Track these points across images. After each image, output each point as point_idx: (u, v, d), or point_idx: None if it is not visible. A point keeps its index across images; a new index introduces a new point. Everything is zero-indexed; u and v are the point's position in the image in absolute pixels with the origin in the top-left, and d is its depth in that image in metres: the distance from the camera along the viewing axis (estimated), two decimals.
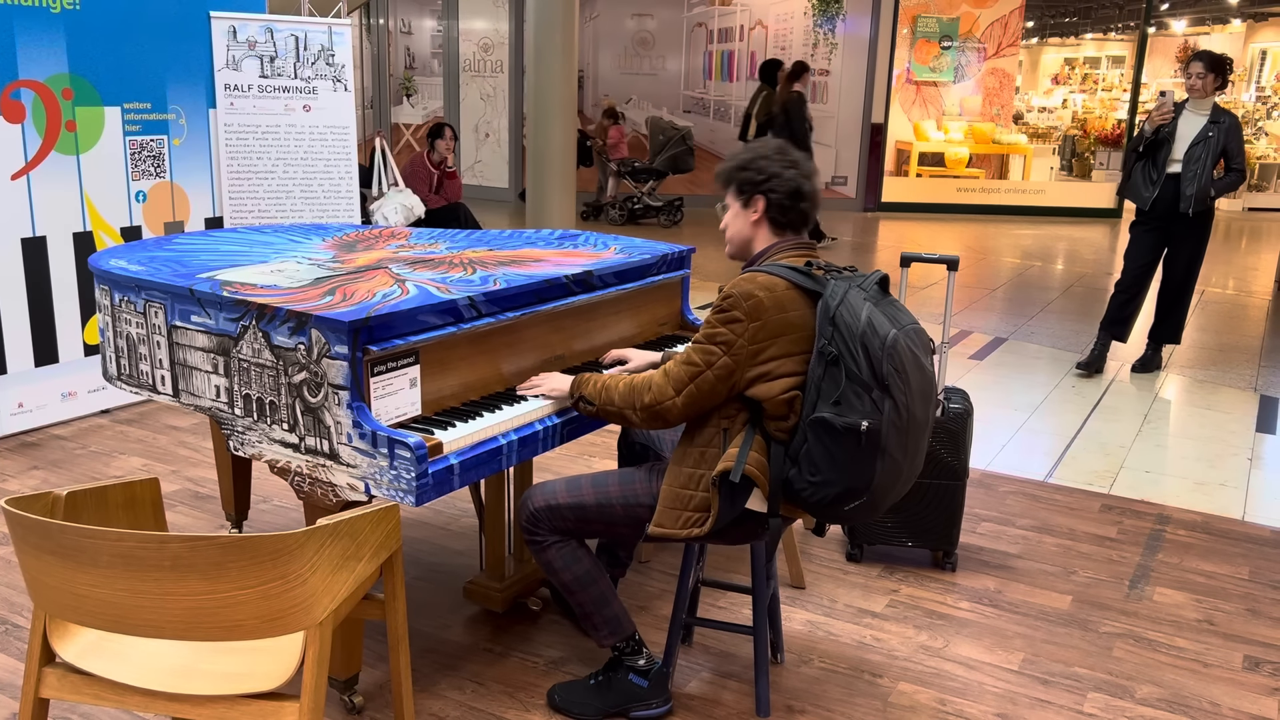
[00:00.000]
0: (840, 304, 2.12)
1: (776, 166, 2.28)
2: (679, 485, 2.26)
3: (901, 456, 2.14)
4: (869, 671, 2.71)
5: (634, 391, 2.26)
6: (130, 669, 1.85)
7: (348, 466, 2.19)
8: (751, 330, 2.15)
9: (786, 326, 2.16)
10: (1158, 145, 5.22)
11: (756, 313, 2.14)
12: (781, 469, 2.20)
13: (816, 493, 2.17)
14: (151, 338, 2.56)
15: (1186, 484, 4.09)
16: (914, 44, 11.94)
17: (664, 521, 2.27)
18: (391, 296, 2.36)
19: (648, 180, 10.71)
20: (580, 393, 2.36)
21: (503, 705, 2.52)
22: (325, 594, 1.78)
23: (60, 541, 1.69)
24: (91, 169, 4.36)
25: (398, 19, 13.16)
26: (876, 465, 2.11)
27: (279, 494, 3.74)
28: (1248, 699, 2.65)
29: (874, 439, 2.09)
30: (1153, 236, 5.38)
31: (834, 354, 2.10)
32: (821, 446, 2.13)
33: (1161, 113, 5.16)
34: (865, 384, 2.08)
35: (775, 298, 2.16)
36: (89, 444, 4.20)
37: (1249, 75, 15.04)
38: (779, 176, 2.27)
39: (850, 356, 2.08)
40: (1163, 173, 5.21)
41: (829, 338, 2.11)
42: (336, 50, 4.99)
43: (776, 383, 2.16)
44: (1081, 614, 3.05)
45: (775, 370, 2.16)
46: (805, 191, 2.29)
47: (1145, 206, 5.30)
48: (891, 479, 2.15)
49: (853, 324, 2.09)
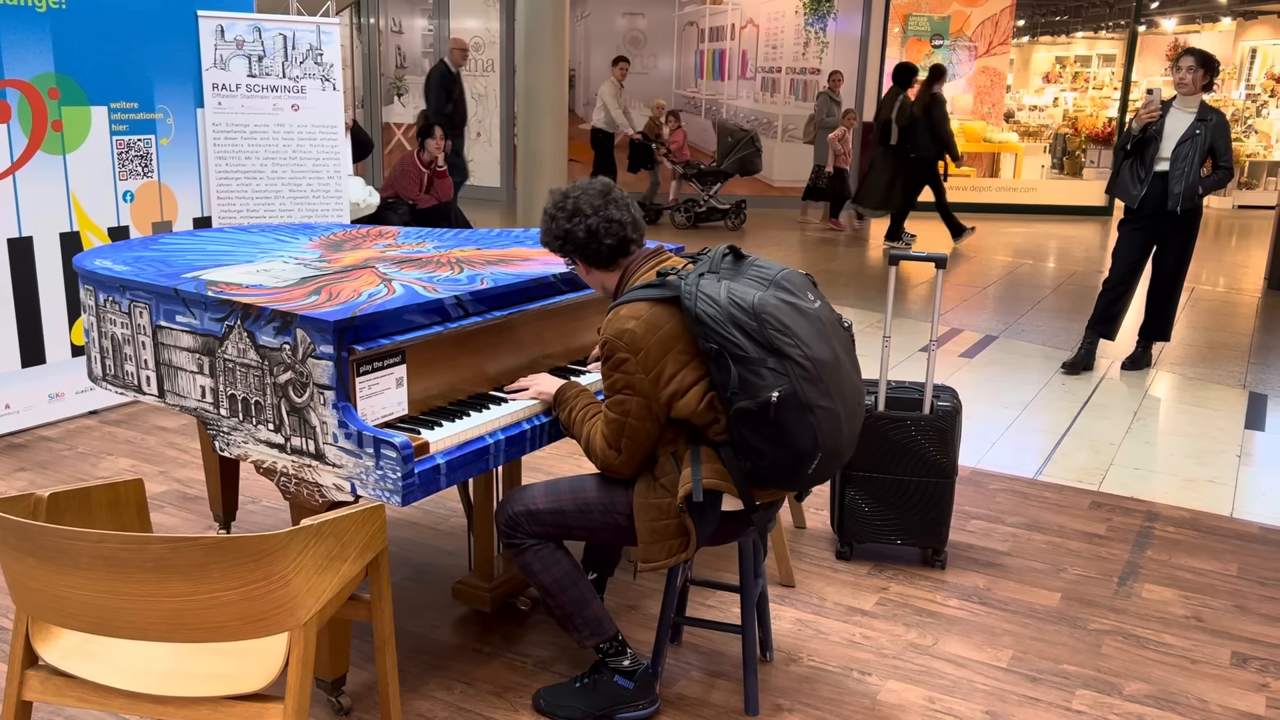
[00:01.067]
0: (697, 300, 2.14)
1: (563, 224, 2.33)
2: (651, 519, 2.27)
3: (829, 402, 2.14)
4: (858, 669, 2.71)
5: (589, 449, 2.31)
6: (114, 671, 1.84)
7: (334, 467, 2.18)
8: (640, 361, 2.17)
9: (669, 341, 2.18)
10: (1145, 143, 5.22)
11: (635, 344, 2.17)
12: (739, 466, 2.22)
13: (774, 471, 2.19)
14: (136, 338, 2.55)
15: (1175, 481, 4.10)
16: (905, 42, 11.95)
17: (650, 556, 2.29)
18: (378, 296, 2.35)
19: (714, 183, 10.47)
20: (557, 413, 2.42)
21: (491, 705, 2.51)
22: (309, 595, 1.77)
23: (41, 543, 1.68)
24: (78, 169, 4.34)
25: (388, 18, 13.14)
26: (810, 422, 2.12)
27: (267, 494, 3.72)
28: (1235, 695, 2.66)
29: (792, 401, 2.10)
30: (1141, 235, 5.39)
31: (714, 349, 2.12)
32: (753, 432, 2.14)
33: (1149, 110, 5.16)
34: (757, 360, 2.10)
35: (644, 322, 2.17)
36: (76, 445, 4.18)
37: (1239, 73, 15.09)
38: (569, 234, 2.33)
39: (730, 342, 2.11)
40: (1150, 171, 5.22)
41: (704, 336, 2.13)
42: (325, 49, 4.97)
43: (690, 394, 2.18)
44: (1070, 611, 3.05)
45: (682, 384, 2.18)
46: (596, 229, 2.31)
47: (1133, 205, 5.31)
48: (834, 426, 2.16)
49: (715, 312, 2.12)
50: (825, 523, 3.61)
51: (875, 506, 3.25)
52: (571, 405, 2.38)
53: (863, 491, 3.25)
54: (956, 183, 12.35)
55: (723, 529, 2.29)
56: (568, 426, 2.38)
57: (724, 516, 2.27)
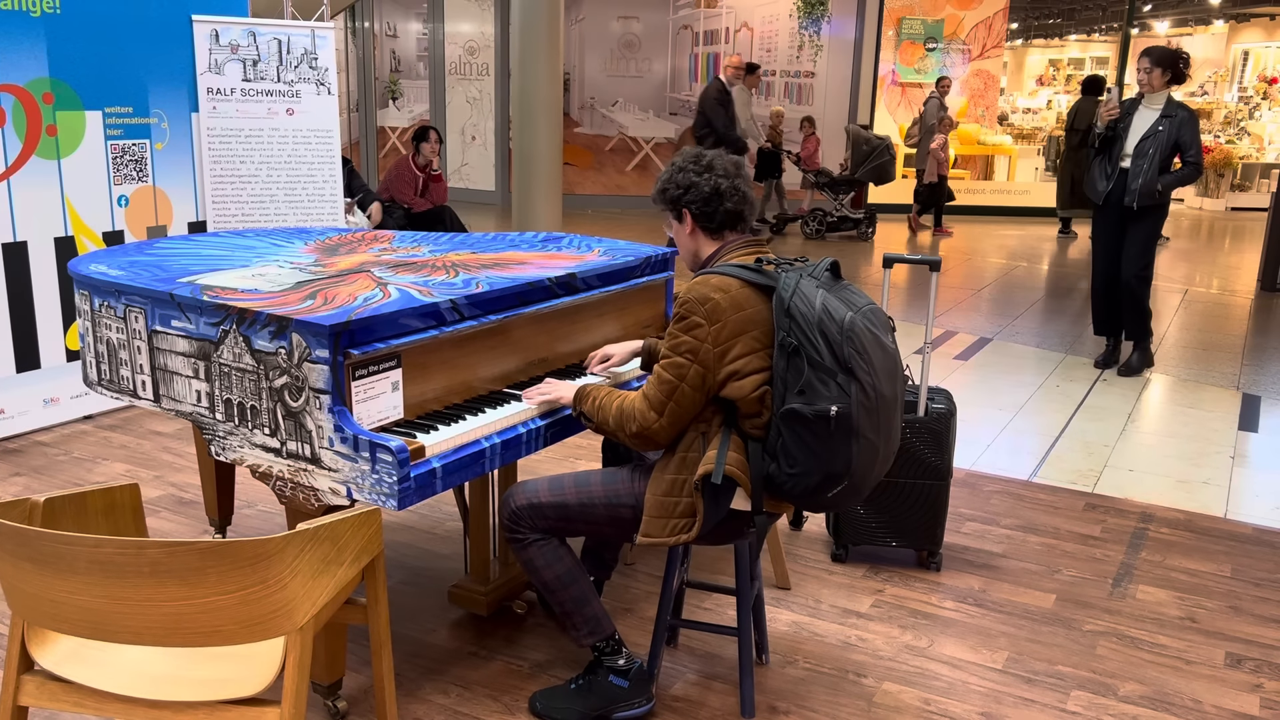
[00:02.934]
0: (794, 295, 2.15)
1: (691, 176, 2.34)
2: (663, 493, 2.27)
3: (875, 436, 2.16)
4: (854, 671, 2.72)
5: (623, 417, 2.28)
6: (110, 676, 1.84)
7: (329, 471, 2.18)
8: (714, 332, 2.17)
9: (747, 324, 2.19)
10: (1112, 141, 5.31)
11: (715, 315, 2.17)
12: (761, 466, 2.21)
13: (797, 484, 2.18)
14: (132, 343, 2.55)
15: (1169, 482, 4.11)
16: (899, 46, 11.98)
17: (651, 530, 2.28)
18: (373, 300, 2.36)
19: (846, 192, 10.26)
20: (580, 408, 2.40)
21: (487, 709, 2.51)
22: (306, 599, 1.78)
23: (37, 548, 1.68)
24: (73, 174, 4.33)
25: (383, 22, 13.14)
26: (852, 448, 2.13)
27: (263, 499, 3.72)
28: (1229, 695, 2.67)
29: (845, 423, 2.11)
30: (1111, 229, 5.49)
31: (794, 344, 2.13)
32: (795, 437, 2.15)
33: (1109, 110, 5.26)
34: (829, 370, 2.10)
35: (731, 298, 2.18)
36: (72, 450, 4.17)
37: (1231, 75, 15.14)
38: (694, 186, 2.33)
39: (810, 345, 2.11)
40: (1116, 167, 5.30)
41: (787, 329, 2.14)
42: (320, 53, 4.98)
43: (747, 380, 2.19)
44: (1065, 613, 3.06)
45: (744, 368, 2.19)
46: (724, 190, 2.33)
47: (1099, 200, 5.41)
48: (869, 460, 2.17)
49: (808, 312, 2.12)
50: (821, 525, 3.62)
51: (870, 509, 3.25)
52: (594, 394, 2.36)
53: None
54: (951, 185, 12.39)
55: (723, 526, 2.30)
56: (592, 414, 2.35)
57: (730, 512, 2.27)
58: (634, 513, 2.34)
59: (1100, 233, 5.55)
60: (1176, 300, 7.69)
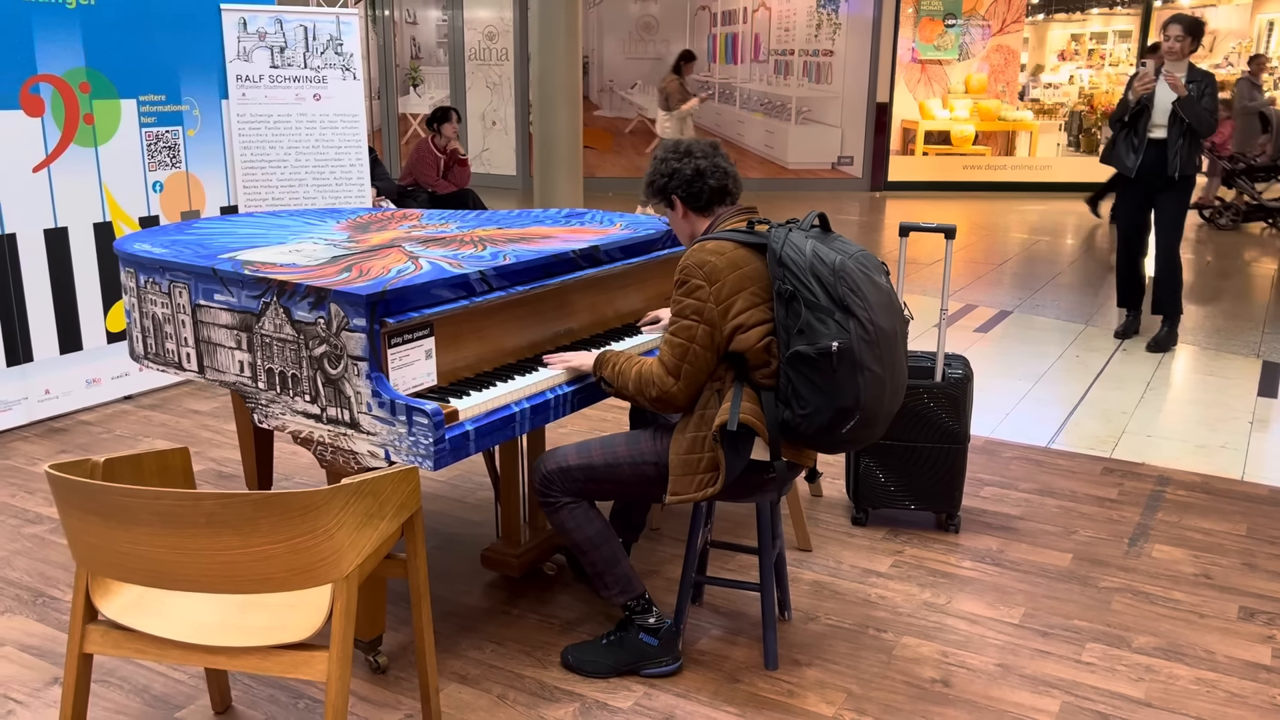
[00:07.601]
0: (784, 245, 2.29)
1: (673, 164, 2.49)
2: (685, 451, 2.37)
3: (879, 368, 2.25)
4: (874, 626, 2.81)
5: (641, 382, 2.40)
6: (168, 624, 1.96)
7: (368, 434, 2.29)
8: (714, 292, 2.30)
9: (745, 280, 2.31)
10: (1138, 113, 5.32)
11: (714, 275, 2.30)
12: (775, 413, 2.32)
13: (810, 423, 2.29)
14: (176, 317, 2.67)
15: (1187, 447, 4.16)
16: (918, 22, 11.95)
17: (679, 488, 2.39)
18: (406, 272, 2.46)
19: (1267, 179, 9.38)
20: (600, 374, 2.51)
21: (521, 664, 2.62)
22: (351, 548, 1.88)
23: (102, 501, 1.80)
24: (110, 160, 4.46)
25: (403, 9, 13.23)
26: (858, 381, 2.23)
27: (300, 472, 3.85)
28: (1241, 646, 2.73)
29: (848, 357, 2.22)
30: (1138, 201, 5.51)
31: (790, 290, 2.25)
32: (803, 378, 2.25)
33: (1144, 83, 5.26)
34: (825, 309, 2.22)
35: (727, 258, 2.31)
36: (114, 429, 4.31)
37: (1255, 46, 14.97)
38: (677, 172, 2.48)
39: (805, 288, 2.23)
40: (1144, 139, 5.31)
41: (781, 278, 2.26)
42: (345, 39, 5.08)
43: (752, 332, 2.30)
44: (1081, 570, 3.13)
45: (748, 320, 2.30)
46: (705, 170, 2.47)
47: (1130, 174, 5.41)
48: (878, 392, 2.27)
49: (799, 259, 2.25)
50: (841, 490, 3.70)
51: (889, 473, 3.33)
52: (614, 360, 2.48)
53: (877, 458, 3.34)
54: (972, 161, 12.37)
55: (745, 479, 2.39)
56: (612, 380, 2.47)
57: (751, 464, 2.37)
58: (658, 470, 2.44)
59: (1127, 206, 5.56)
60: (1199, 269, 7.68)
